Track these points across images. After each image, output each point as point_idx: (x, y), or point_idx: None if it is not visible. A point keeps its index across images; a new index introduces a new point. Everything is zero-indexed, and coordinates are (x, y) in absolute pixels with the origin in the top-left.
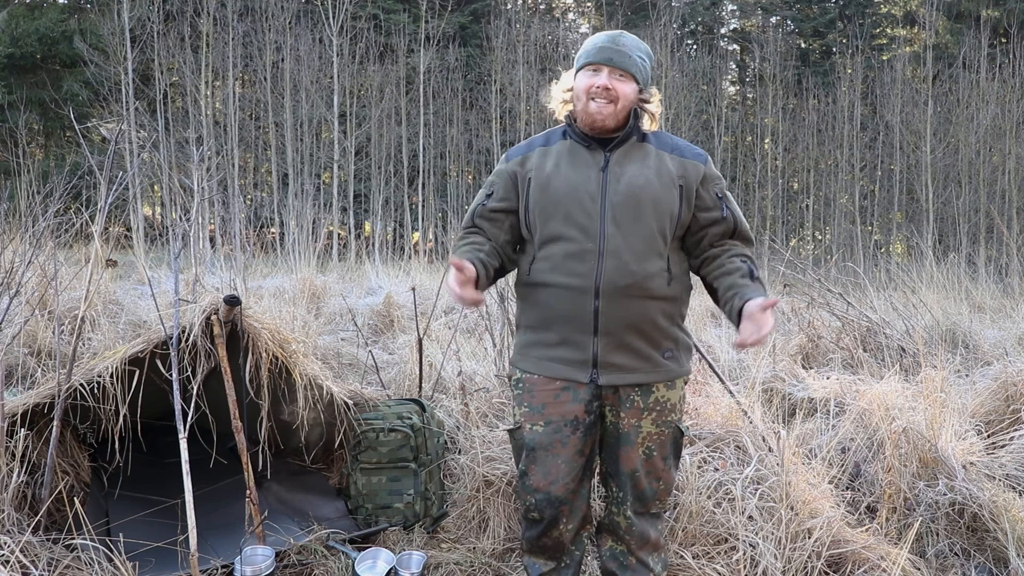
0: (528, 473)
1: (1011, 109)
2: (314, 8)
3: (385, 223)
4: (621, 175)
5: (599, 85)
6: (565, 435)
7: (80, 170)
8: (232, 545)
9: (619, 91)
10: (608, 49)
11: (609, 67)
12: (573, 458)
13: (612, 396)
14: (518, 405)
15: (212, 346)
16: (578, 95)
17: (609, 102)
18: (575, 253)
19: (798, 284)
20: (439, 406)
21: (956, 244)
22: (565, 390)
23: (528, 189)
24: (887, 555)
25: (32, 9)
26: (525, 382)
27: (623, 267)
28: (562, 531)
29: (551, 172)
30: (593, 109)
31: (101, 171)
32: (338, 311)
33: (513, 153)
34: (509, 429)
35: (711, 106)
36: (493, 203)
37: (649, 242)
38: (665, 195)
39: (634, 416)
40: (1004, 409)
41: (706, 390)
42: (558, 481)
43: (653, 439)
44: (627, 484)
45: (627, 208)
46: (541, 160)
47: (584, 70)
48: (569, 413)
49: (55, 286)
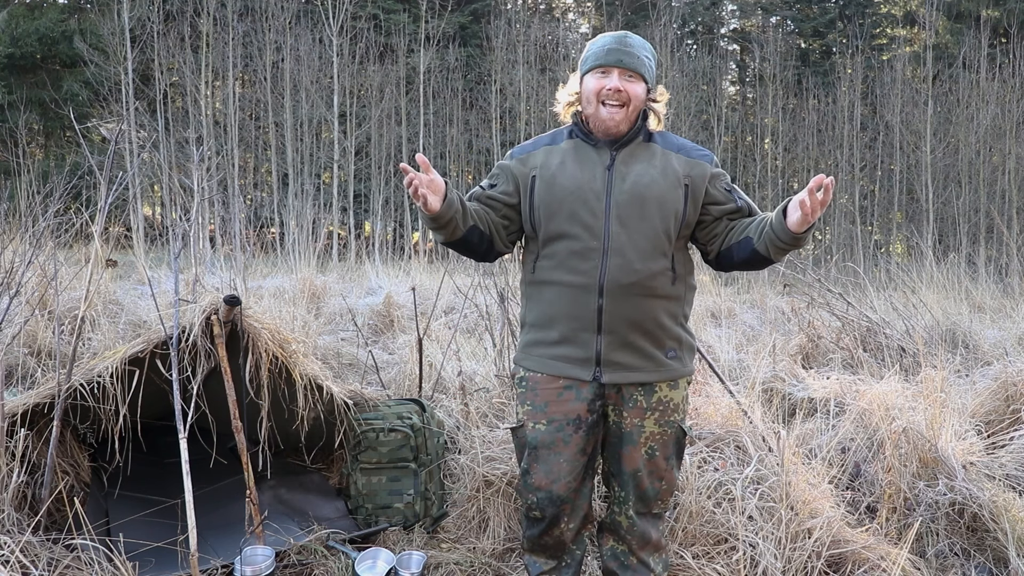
0: (530, 471)
1: (1011, 109)
2: (314, 8)
3: (385, 223)
4: (627, 174)
5: (611, 88)
6: (568, 434)
7: (80, 170)
8: (232, 545)
9: (630, 92)
10: (617, 51)
11: (619, 68)
12: (575, 457)
13: (615, 395)
14: (521, 403)
15: (212, 346)
16: (588, 98)
17: (621, 105)
18: (579, 251)
19: (798, 284)
20: (439, 406)
21: (956, 244)
22: (568, 389)
23: (533, 187)
24: (887, 555)
25: (32, 9)
26: (528, 380)
27: (627, 265)
28: (563, 530)
29: (556, 170)
30: (605, 115)
31: (101, 171)
32: (338, 311)
33: (517, 151)
34: (512, 427)
35: (711, 106)
36: (493, 192)
37: (654, 241)
38: (670, 194)
39: (637, 416)
40: (1004, 409)
41: (706, 390)
42: (560, 480)
43: (656, 439)
44: (629, 484)
45: (632, 207)
46: (547, 158)
47: (592, 72)
48: (572, 412)
49: (55, 286)
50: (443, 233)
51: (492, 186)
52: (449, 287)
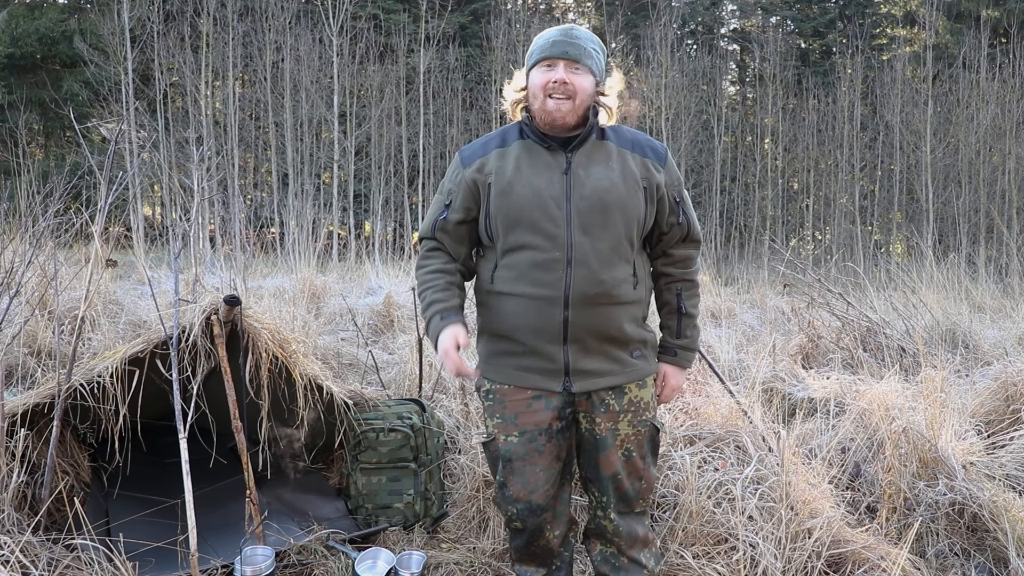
0: (507, 484)
1: (1011, 109)
2: (314, 8)
3: (385, 223)
4: (586, 178)
5: (556, 80)
6: (540, 443)
7: (80, 170)
8: (232, 545)
9: (576, 85)
10: (562, 43)
11: (564, 60)
12: (550, 465)
13: (585, 402)
14: (490, 416)
15: (212, 346)
16: (534, 93)
17: (567, 98)
18: (542, 263)
19: (798, 284)
20: (439, 406)
21: (956, 244)
22: (537, 399)
23: (488, 195)
24: (887, 555)
25: (32, 9)
26: (495, 393)
27: (592, 276)
28: (549, 539)
29: (512, 177)
30: (551, 107)
31: (101, 171)
32: (338, 311)
33: (468, 157)
34: (483, 441)
35: (711, 106)
36: (453, 215)
37: (617, 249)
38: (631, 199)
39: (610, 420)
40: (1004, 409)
41: (706, 390)
42: (538, 489)
43: (631, 440)
44: (609, 488)
45: (594, 214)
46: (500, 163)
47: (538, 66)
48: (543, 422)
49: (55, 286)
50: None
51: (448, 205)
52: None
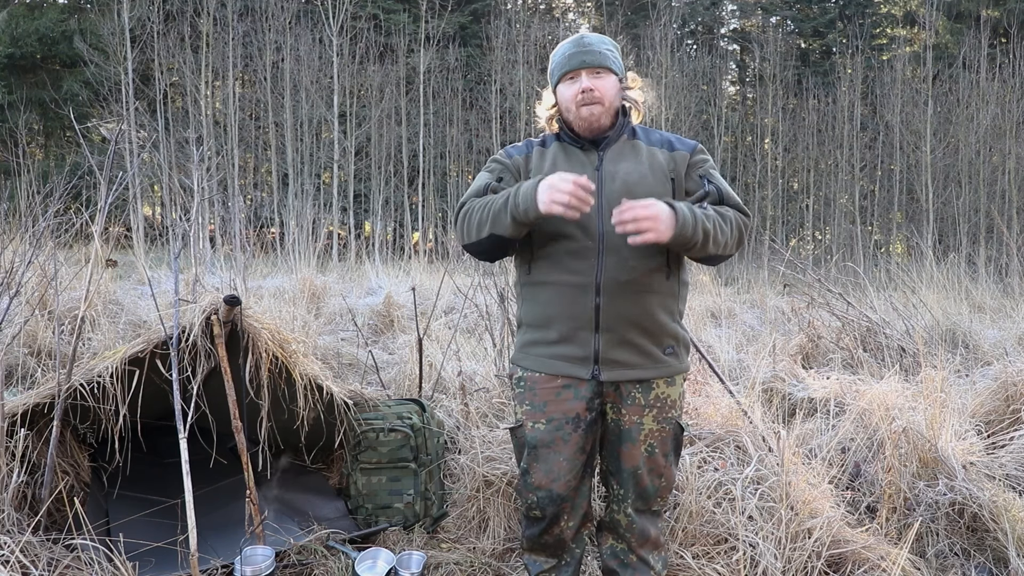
0: (530, 471)
1: (1011, 109)
2: (314, 8)
3: (385, 223)
4: (615, 173)
5: (582, 89)
6: (567, 432)
7: (80, 170)
8: (232, 545)
9: (602, 89)
10: (578, 54)
11: (585, 69)
12: (575, 455)
13: (613, 393)
14: (519, 403)
15: (212, 346)
16: (567, 107)
17: (597, 102)
18: (575, 251)
19: (798, 284)
20: (439, 406)
21: (956, 244)
22: (567, 388)
23: None
24: (887, 555)
25: (32, 9)
26: (526, 380)
27: (622, 263)
28: (563, 528)
29: (549, 170)
30: (586, 114)
31: (101, 171)
32: (338, 311)
33: (513, 151)
34: (510, 427)
35: (711, 106)
36: (501, 184)
37: None
38: (660, 189)
39: (636, 413)
40: (1004, 409)
41: (706, 390)
42: (560, 479)
43: (655, 436)
44: (629, 482)
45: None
46: (539, 160)
47: (562, 82)
48: (571, 411)
49: (55, 286)
50: (519, 230)
51: (500, 180)
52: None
